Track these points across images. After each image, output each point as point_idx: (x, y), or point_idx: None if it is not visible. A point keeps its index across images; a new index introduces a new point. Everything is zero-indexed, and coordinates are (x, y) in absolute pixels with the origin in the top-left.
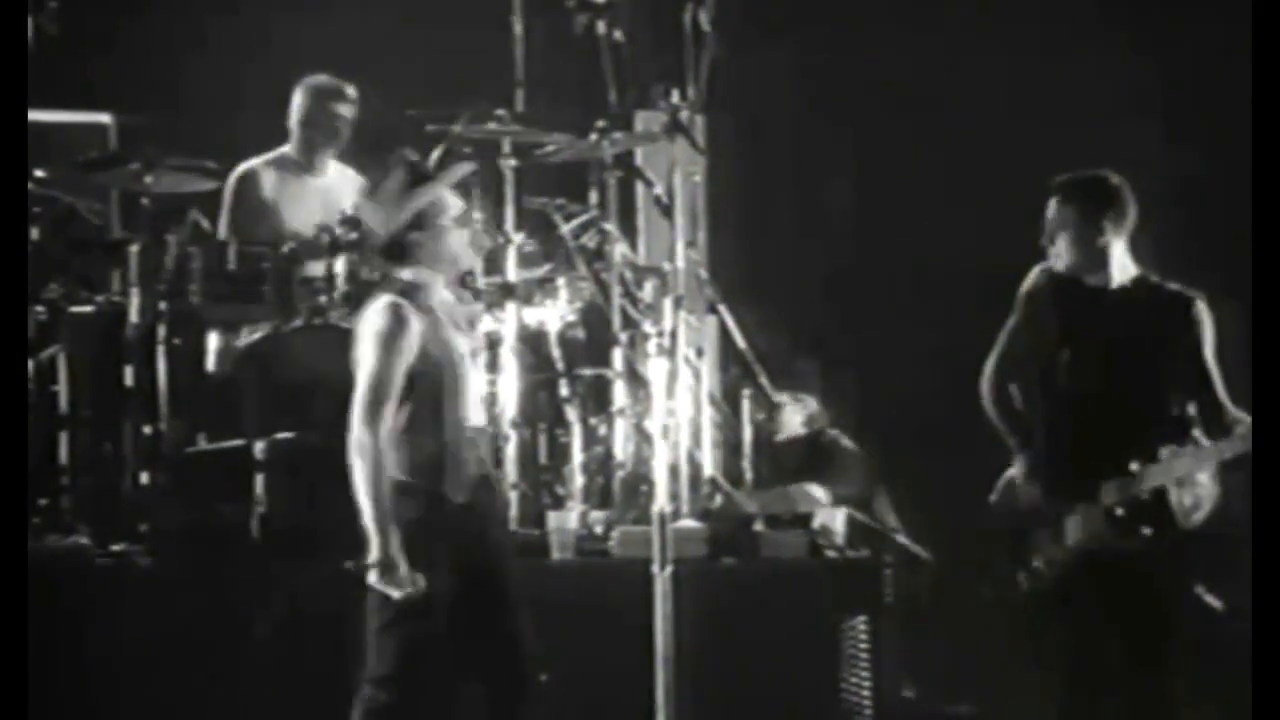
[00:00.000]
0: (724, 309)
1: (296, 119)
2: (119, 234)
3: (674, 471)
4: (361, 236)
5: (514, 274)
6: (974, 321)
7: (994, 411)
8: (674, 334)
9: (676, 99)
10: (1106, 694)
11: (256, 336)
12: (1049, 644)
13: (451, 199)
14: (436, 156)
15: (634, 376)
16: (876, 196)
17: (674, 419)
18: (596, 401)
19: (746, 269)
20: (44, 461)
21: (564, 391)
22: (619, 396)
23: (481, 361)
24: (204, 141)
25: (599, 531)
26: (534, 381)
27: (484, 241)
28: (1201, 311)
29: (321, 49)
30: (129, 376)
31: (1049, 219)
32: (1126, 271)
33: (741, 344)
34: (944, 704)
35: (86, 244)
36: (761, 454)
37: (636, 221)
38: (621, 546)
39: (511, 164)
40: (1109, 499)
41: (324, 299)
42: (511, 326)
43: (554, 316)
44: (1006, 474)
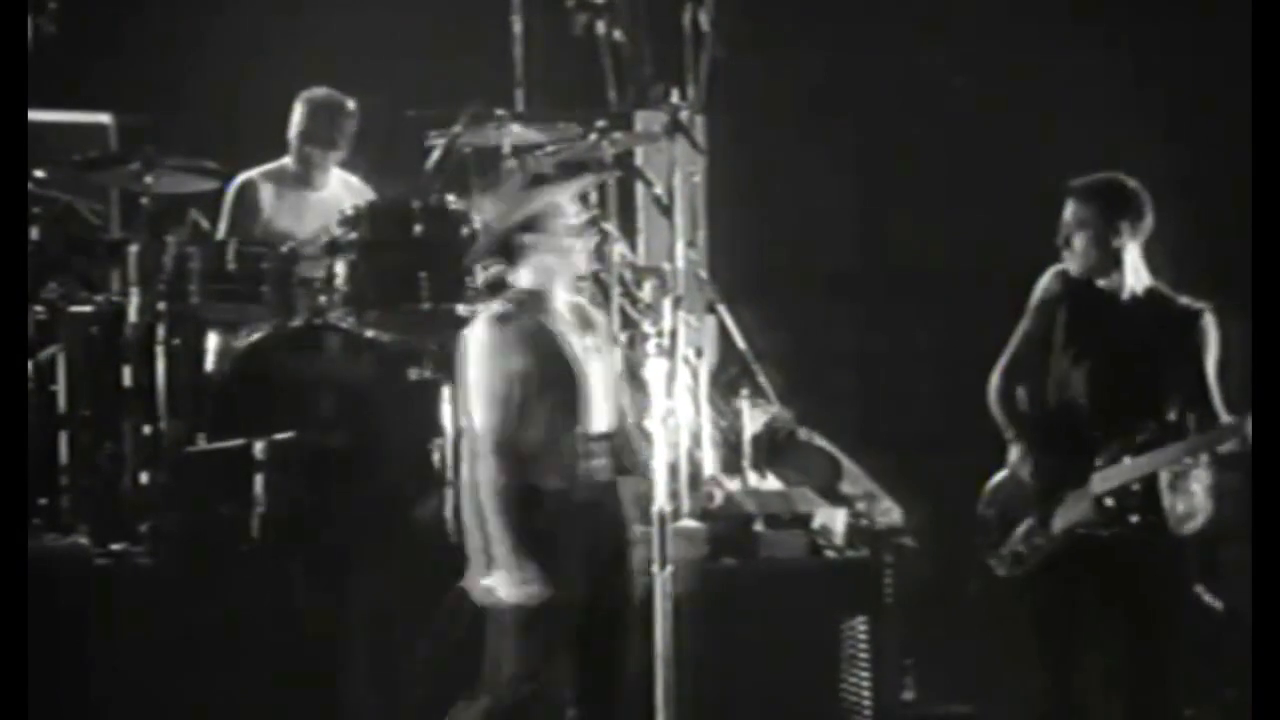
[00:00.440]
0: (723, 309)
1: (295, 132)
2: (118, 234)
3: (673, 471)
4: (474, 233)
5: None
6: (974, 322)
7: (999, 411)
8: (674, 334)
9: (676, 99)
10: (1089, 679)
11: (256, 336)
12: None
13: (570, 206)
14: (437, 156)
15: (633, 377)
16: (876, 196)
17: (673, 418)
18: None
19: (746, 269)
20: (43, 461)
21: None
22: None
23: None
24: (203, 141)
25: None
26: None
27: (605, 251)
28: (1208, 324)
29: (321, 49)
30: (128, 376)
31: (1065, 220)
32: (1140, 280)
33: (741, 344)
34: (944, 704)
35: (86, 244)
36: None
37: (636, 221)
38: None
39: (510, 164)
40: (1099, 488)
41: (323, 299)
42: None
43: None
44: (1000, 473)
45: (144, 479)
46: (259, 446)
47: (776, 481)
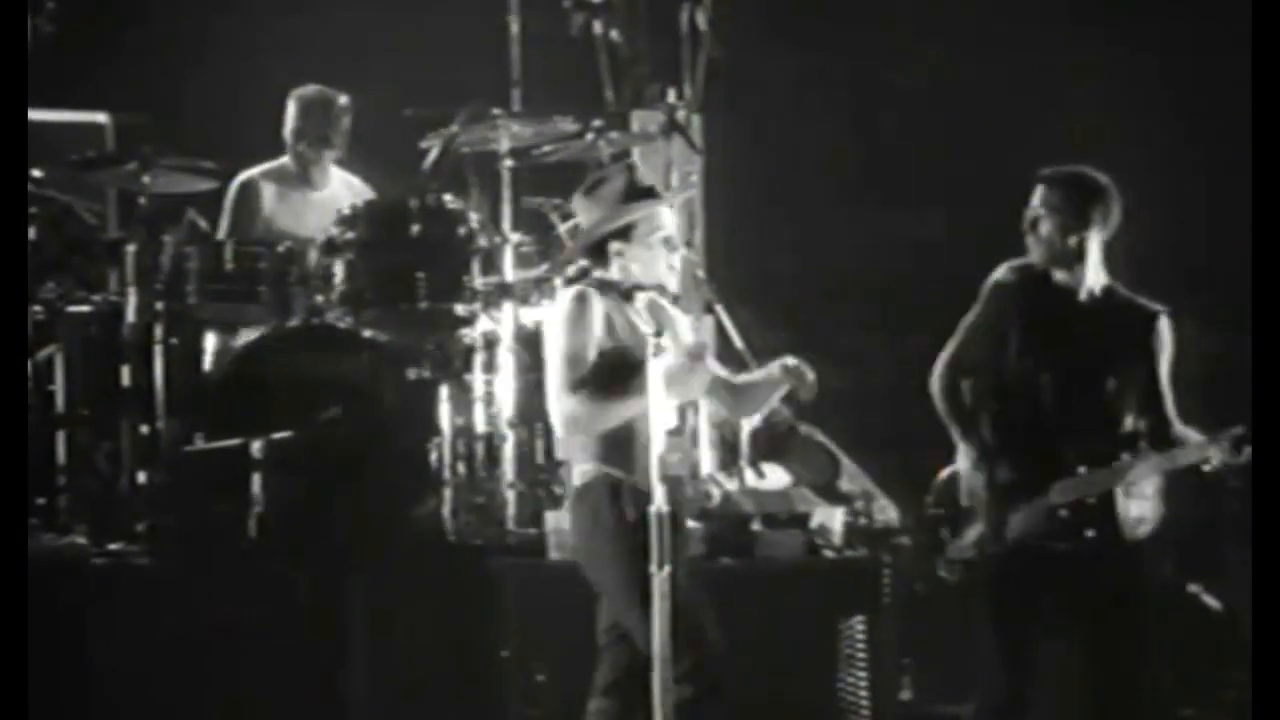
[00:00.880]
0: (722, 309)
1: (289, 131)
2: (116, 233)
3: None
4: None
5: (511, 274)
6: None
7: (943, 405)
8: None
9: (673, 98)
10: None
11: (254, 336)
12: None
13: (668, 220)
14: (434, 156)
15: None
16: (876, 196)
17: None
18: None
19: (745, 269)
20: (41, 461)
21: None
22: None
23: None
24: (201, 141)
25: None
26: (531, 381)
27: (688, 270)
28: (1164, 328)
29: (319, 49)
30: (126, 376)
31: (1033, 205)
32: (1098, 278)
33: (739, 343)
34: (941, 704)
35: (83, 243)
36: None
37: None
38: None
39: (509, 164)
40: (1057, 499)
41: (321, 299)
42: (508, 326)
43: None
44: (949, 468)
45: (142, 479)
46: (257, 446)
47: (776, 474)
